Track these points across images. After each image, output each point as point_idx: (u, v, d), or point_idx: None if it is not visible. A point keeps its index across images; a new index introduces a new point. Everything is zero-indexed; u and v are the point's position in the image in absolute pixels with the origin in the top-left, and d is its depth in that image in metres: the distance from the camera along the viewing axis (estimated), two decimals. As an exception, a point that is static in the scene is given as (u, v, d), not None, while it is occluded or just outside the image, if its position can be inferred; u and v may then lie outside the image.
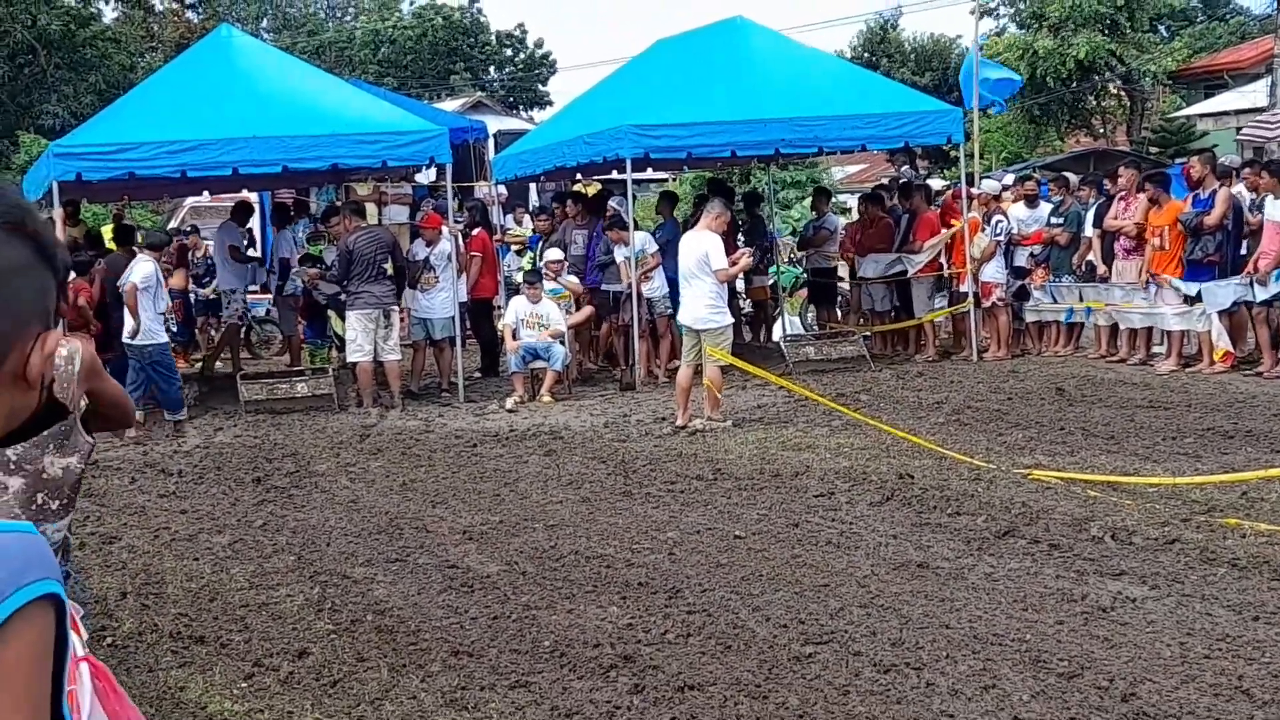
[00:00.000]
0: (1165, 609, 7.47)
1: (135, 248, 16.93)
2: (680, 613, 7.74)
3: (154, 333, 15.79)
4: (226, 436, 15.36)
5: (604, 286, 18.60)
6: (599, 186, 25.27)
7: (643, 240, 18.10)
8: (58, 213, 16.40)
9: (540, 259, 19.03)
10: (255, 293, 22.64)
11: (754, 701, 6.43)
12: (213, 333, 22.94)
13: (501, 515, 10.60)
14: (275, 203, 20.85)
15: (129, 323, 15.60)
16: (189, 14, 57.29)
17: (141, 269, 15.79)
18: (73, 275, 16.03)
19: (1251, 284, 15.95)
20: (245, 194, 24.09)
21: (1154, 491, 10.19)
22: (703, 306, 14.14)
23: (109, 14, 50.46)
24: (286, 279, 19.50)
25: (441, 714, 6.50)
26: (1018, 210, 19.27)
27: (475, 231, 19.86)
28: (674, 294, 16.58)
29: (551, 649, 7.24)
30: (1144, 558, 8.47)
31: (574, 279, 18.38)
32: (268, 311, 21.98)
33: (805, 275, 23.31)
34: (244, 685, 7.02)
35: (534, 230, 22.14)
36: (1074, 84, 41.88)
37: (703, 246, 14.14)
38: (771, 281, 22.29)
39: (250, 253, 20.68)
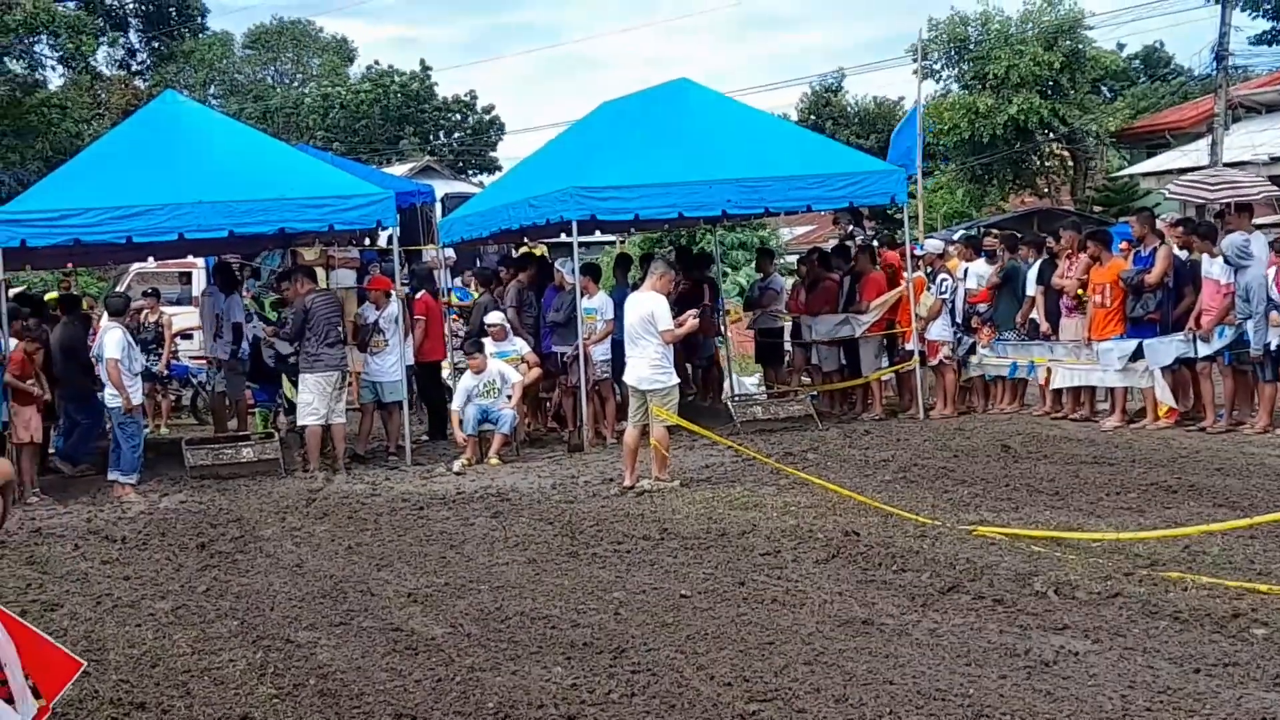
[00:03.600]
0: (1107, 662, 7.49)
1: (96, 316, 16.86)
2: (625, 672, 7.72)
3: (117, 395, 15.71)
4: (171, 502, 15.27)
5: (554, 348, 18.60)
6: (544, 249, 25.32)
7: (603, 303, 18.12)
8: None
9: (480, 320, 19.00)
10: (199, 358, 22.55)
11: (697, 760, 6.42)
12: (159, 399, 22.80)
13: (447, 577, 10.56)
14: (219, 264, 20.71)
15: (110, 391, 15.63)
16: (136, 80, 57.28)
17: (112, 339, 15.76)
18: (15, 344, 15.98)
19: (1194, 340, 16.09)
20: (190, 259, 24.04)
21: (1097, 546, 10.24)
22: (648, 367, 14.16)
23: (55, 80, 50.37)
24: (239, 343, 19.37)
25: (383, 777, 6.47)
26: (978, 266, 19.35)
27: (419, 295, 19.84)
28: (619, 355, 16.55)
29: (495, 710, 7.21)
30: (1087, 612, 8.50)
31: (523, 343, 18.36)
32: (213, 374, 21.79)
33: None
34: (184, 751, 6.96)
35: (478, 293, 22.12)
36: (1014, 143, 42.21)
37: (648, 307, 14.18)
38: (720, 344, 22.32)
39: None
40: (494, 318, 18.36)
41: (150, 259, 23.46)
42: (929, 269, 19.32)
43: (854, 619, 8.64)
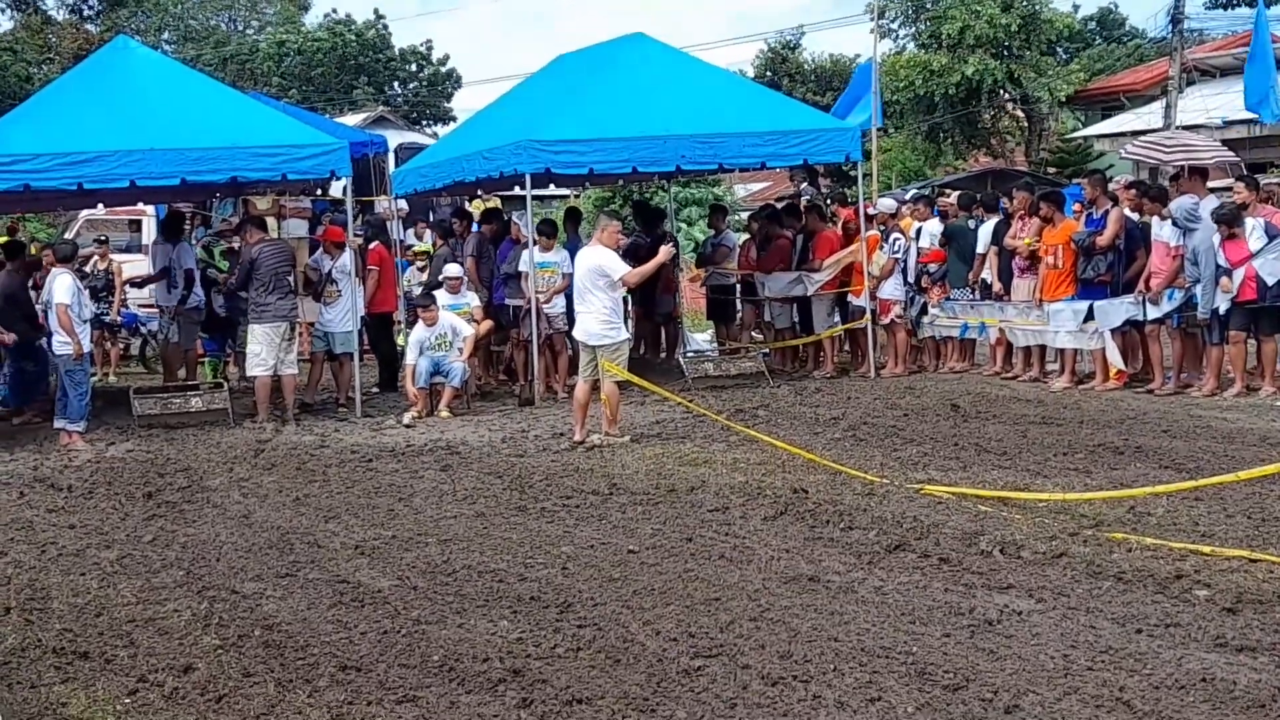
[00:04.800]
0: (1050, 622, 7.54)
1: (49, 262, 16.67)
2: (571, 627, 7.73)
3: (65, 342, 15.60)
4: (118, 451, 15.18)
5: (506, 301, 18.56)
6: (498, 202, 25.21)
7: (561, 257, 18.08)
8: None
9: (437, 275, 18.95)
10: (147, 306, 22.36)
11: (642, 715, 6.43)
12: (108, 347, 22.64)
13: (394, 530, 10.55)
14: (171, 212, 20.54)
15: (60, 338, 15.50)
16: (88, 25, 56.66)
17: (62, 284, 15.62)
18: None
19: (1143, 303, 16.18)
20: (140, 206, 23.81)
21: (1044, 506, 10.31)
22: (598, 322, 14.14)
23: (4, 23, 49.84)
24: (190, 290, 19.21)
25: (327, 729, 6.46)
26: (932, 225, 19.39)
27: (373, 245, 19.74)
28: (570, 310, 16.54)
29: (440, 664, 7.20)
30: (1031, 571, 8.56)
31: (475, 297, 18.33)
32: (166, 324, 21.59)
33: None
34: (127, 701, 6.93)
35: (432, 246, 22.03)
36: (968, 104, 42.27)
37: (596, 260, 14.15)
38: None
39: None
40: (451, 270, 18.31)
41: (100, 206, 23.24)
42: (882, 227, 19.34)
43: (800, 576, 8.67)
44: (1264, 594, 7.85)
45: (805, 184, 24.47)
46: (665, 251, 15.44)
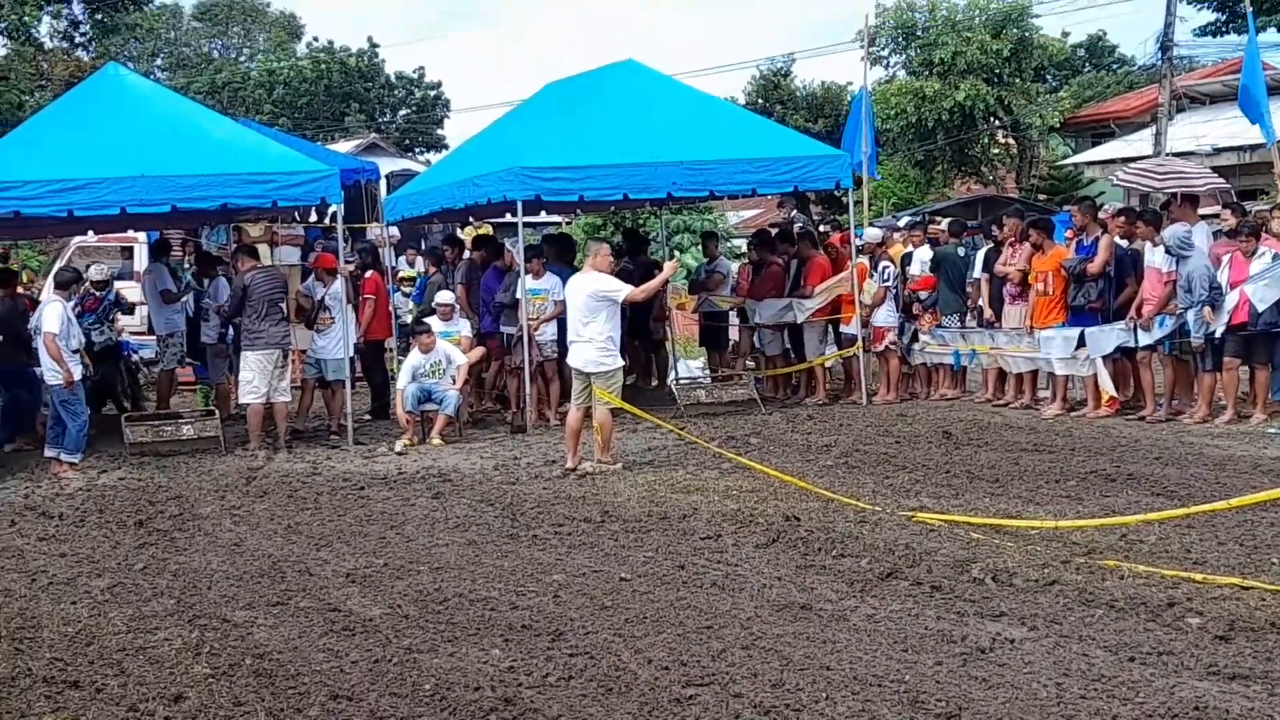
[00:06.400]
0: (1043, 650, 7.53)
1: (36, 290, 16.65)
2: (563, 655, 7.71)
3: (58, 371, 15.58)
4: (110, 479, 15.15)
5: (502, 328, 18.55)
6: (489, 229, 25.22)
7: (552, 283, 18.07)
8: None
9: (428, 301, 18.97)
10: (139, 333, 22.28)
11: (634, 744, 6.42)
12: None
13: (386, 558, 10.53)
14: (160, 240, 20.60)
15: (50, 366, 15.47)
16: (79, 52, 56.68)
17: (52, 313, 15.59)
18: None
19: (1135, 330, 16.20)
20: (131, 233, 23.79)
21: (1036, 534, 10.29)
22: (595, 349, 14.12)
23: (-2, 51, 49.84)
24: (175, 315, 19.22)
25: (318, 759, 6.44)
26: (923, 252, 19.43)
27: (368, 274, 19.76)
28: (562, 338, 16.54)
29: (432, 692, 7.18)
30: (1024, 599, 8.55)
31: (466, 324, 18.34)
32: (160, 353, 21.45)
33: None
34: (118, 731, 6.91)
35: (422, 273, 22.03)
36: (959, 130, 42.41)
37: (594, 285, 14.15)
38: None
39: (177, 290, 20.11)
40: (444, 297, 18.33)
41: (91, 233, 23.26)
42: (870, 256, 19.36)
43: (792, 604, 8.65)
44: (1256, 621, 7.84)
45: (796, 210, 24.50)
46: (670, 267, 15.50)
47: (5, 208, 16.09)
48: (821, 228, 23.48)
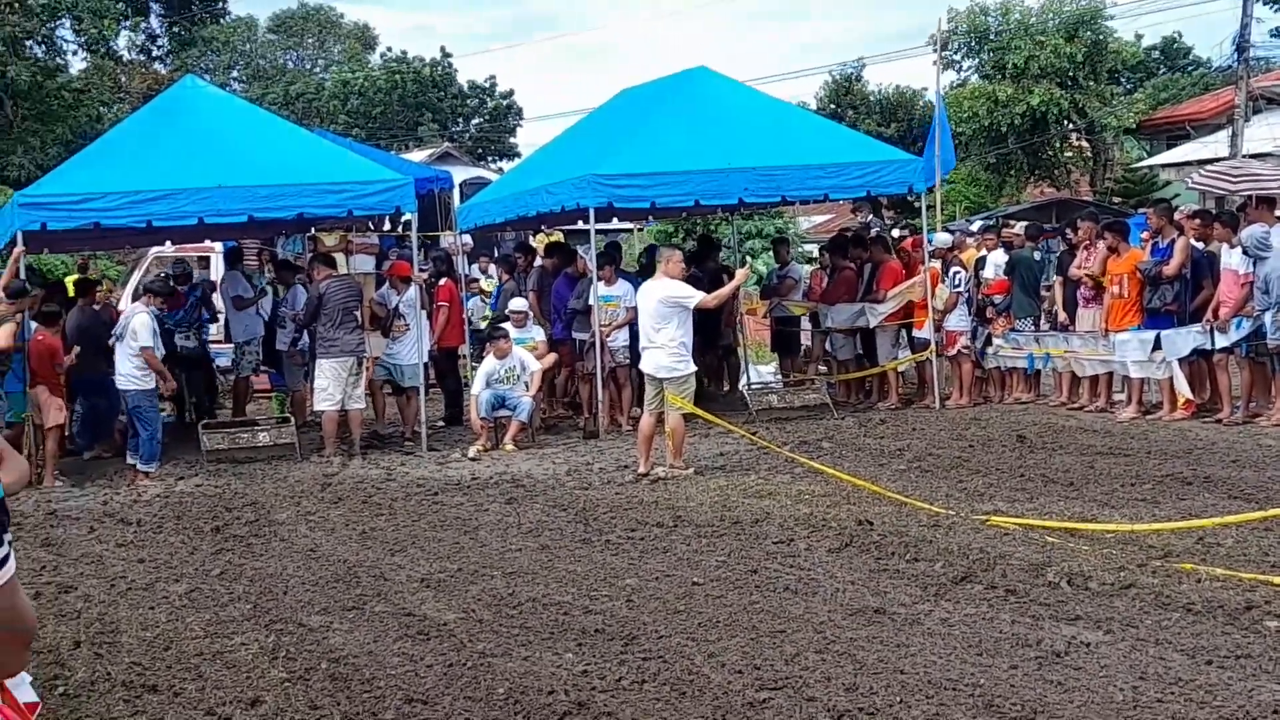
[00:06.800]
0: (1119, 653, 7.48)
1: (142, 297, 16.77)
2: (636, 659, 7.73)
3: (137, 379, 15.79)
4: (187, 486, 15.32)
5: (574, 334, 18.60)
6: (560, 236, 25.29)
7: (624, 290, 18.11)
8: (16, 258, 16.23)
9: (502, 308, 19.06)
10: (216, 341, 22.46)
11: (707, 747, 6.43)
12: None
13: (460, 563, 10.58)
14: (234, 248, 20.79)
15: (126, 374, 15.67)
16: (157, 65, 57.25)
17: (143, 325, 15.79)
18: (37, 326, 16.05)
19: (1211, 332, 16.06)
20: (208, 243, 24.01)
21: (1111, 537, 10.22)
22: (667, 355, 14.15)
23: (76, 65, 50.36)
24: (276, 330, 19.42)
25: (393, 761, 6.48)
26: (997, 256, 19.33)
27: (442, 281, 19.88)
28: (634, 343, 16.57)
29: (506, 696, 7.21)
30: (1099, 603, 8.48)
31: (539, 331, 18.44)
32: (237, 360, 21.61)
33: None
34: (196, 733, 6.98)
35: (498, 282, 22.14)
36: (1031, 134, 42.18)
37: (666, 291, 14.17)
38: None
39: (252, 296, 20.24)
40: (517, 304, 18.43)
41: (168, 243, 23.50)
42: (941, 261, 19.28)
43: (866, 608, 8.63)
44: (1336, 625, 7.76)
45: (872, 215, 24.45)
46: (742, 274, 15.53)
47: (85, 219, 16.33)
48: (895, 232, 23.39)
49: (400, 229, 22.03)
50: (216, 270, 26.77)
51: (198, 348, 19.57)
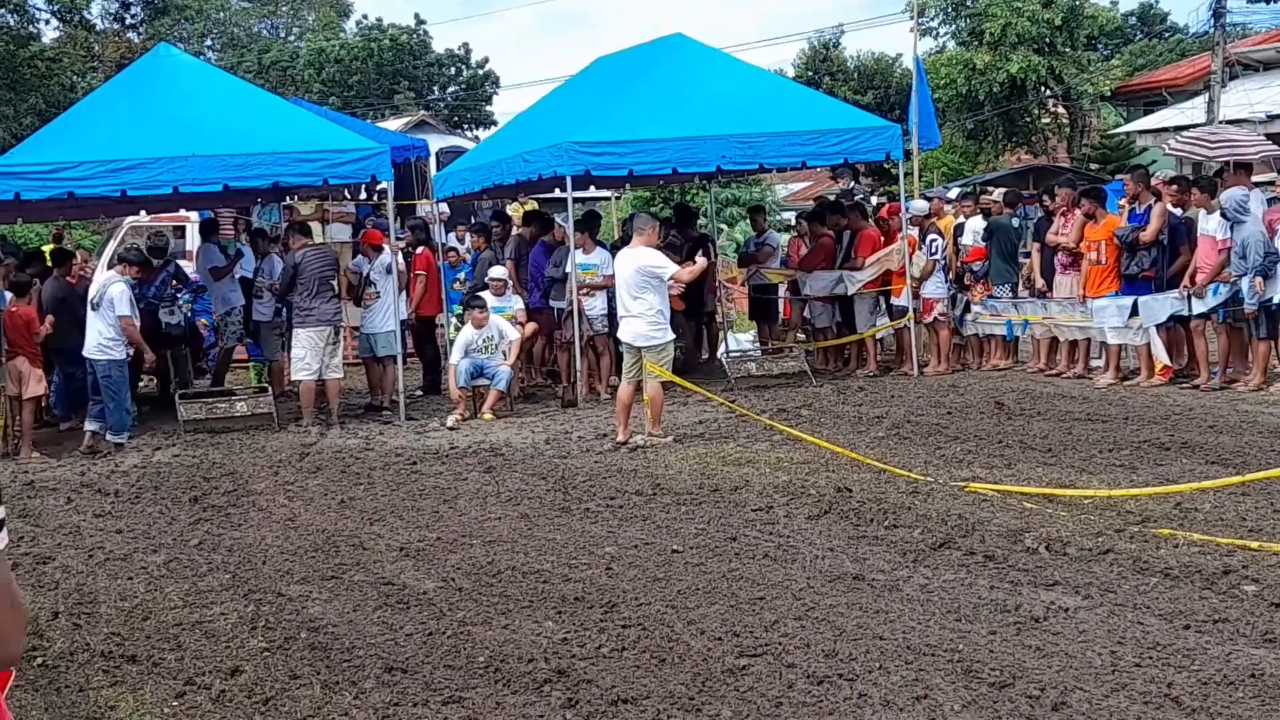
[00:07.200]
0: (1097, 618, 7.50)
1: (90, 270, 16.73)
2: (615, 627, 7.73)
3: (108, 348, 15.73)
4: (164, 456, 15.28)
5: (551, 303, 18.56)
6: (535, 204, 25.24)
7: (602, 258, 18.07)
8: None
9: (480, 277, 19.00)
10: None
11: (687, 714, 6.43)
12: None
13: (439, 532, 10.57)
14: (208, 219, 20.68)
15: (96, 343, 15.61)
16: (130, 34, 56.94)
17: (121, 296, 15.72)
18: (11, 296, 15.96)
19: (1188, 298, 16.10)
20: (183, 213, 23.90)
21: (1089, 503, 10.25)
22: (645, 323, 14.13)
23: (49, 34, 50.09)
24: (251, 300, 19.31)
25: (373, 730, 6.48)
26: (976, 223, 19.32)
27: (419, 250, 19.82)
28: (612, 312, 16.56)
29: (486, 664, 7.21)
30: (1077, 568, 8.51)
31: (519, 299, 18.39)
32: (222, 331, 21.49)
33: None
34: (175, 704, 6.96)
35: (473, 248, 22.07)
36: (1008, 101, 42.17)
37: (644, 260, 14.14)
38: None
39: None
40: (497, 272, 18.38)
41: (143, 213, 23.39)
42: (918, 229, 19.27)
43: (845, 574, 8.65)
44: (1313, 589, 7.79)
45: (853, 183, 24.44)
46: (703, 263, 15.37)
47: (60, 188, 16.24)
48: (874, 199, 23.38)
49: (376, 198, 21.97)
50: (192, 239, 26.65)
51: (181, 324, 19.45)
